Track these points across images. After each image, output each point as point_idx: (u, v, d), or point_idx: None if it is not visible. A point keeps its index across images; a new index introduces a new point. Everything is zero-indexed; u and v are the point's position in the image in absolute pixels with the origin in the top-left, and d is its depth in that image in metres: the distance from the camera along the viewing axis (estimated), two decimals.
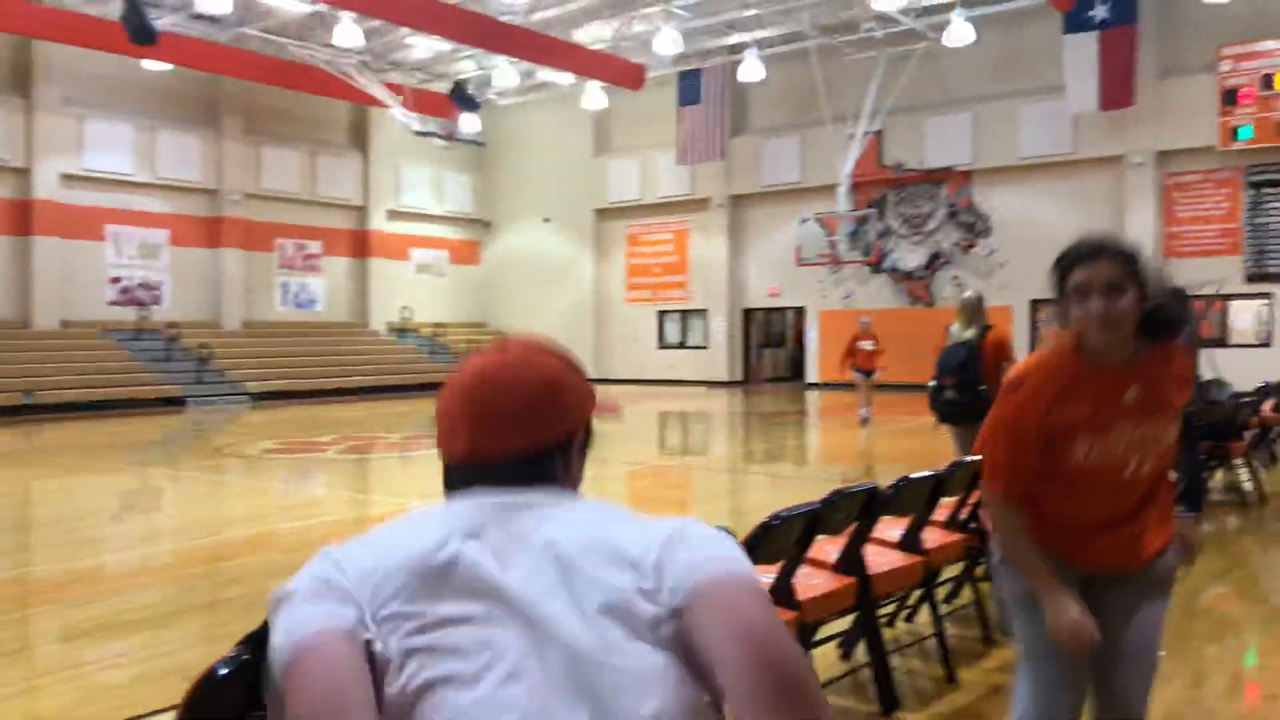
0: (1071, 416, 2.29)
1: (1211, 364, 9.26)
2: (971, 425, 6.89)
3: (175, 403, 20.91)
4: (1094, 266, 2.26)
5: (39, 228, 22.16)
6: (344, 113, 27.71)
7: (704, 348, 27.32)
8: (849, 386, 24.54)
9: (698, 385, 26.53)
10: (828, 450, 14.36)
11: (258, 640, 1.78)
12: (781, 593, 3.35)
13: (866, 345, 15.87)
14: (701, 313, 27.38)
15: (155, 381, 21.37)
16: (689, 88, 25.53)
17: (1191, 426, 3.24)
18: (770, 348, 28.88)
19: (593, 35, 22.53)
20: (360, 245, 28.44)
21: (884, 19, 20.95)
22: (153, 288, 24.33)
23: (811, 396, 23.29)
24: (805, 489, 9.81)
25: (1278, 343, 19.55)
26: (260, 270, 26.29)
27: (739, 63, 22.93)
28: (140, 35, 18.60)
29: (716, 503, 9.64)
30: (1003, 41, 22.15)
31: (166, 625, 5.31)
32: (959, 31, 20.16)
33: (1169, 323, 2.29)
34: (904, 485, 3.87)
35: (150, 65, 21.90)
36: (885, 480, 3.90)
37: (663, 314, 28.30)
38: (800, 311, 26.17)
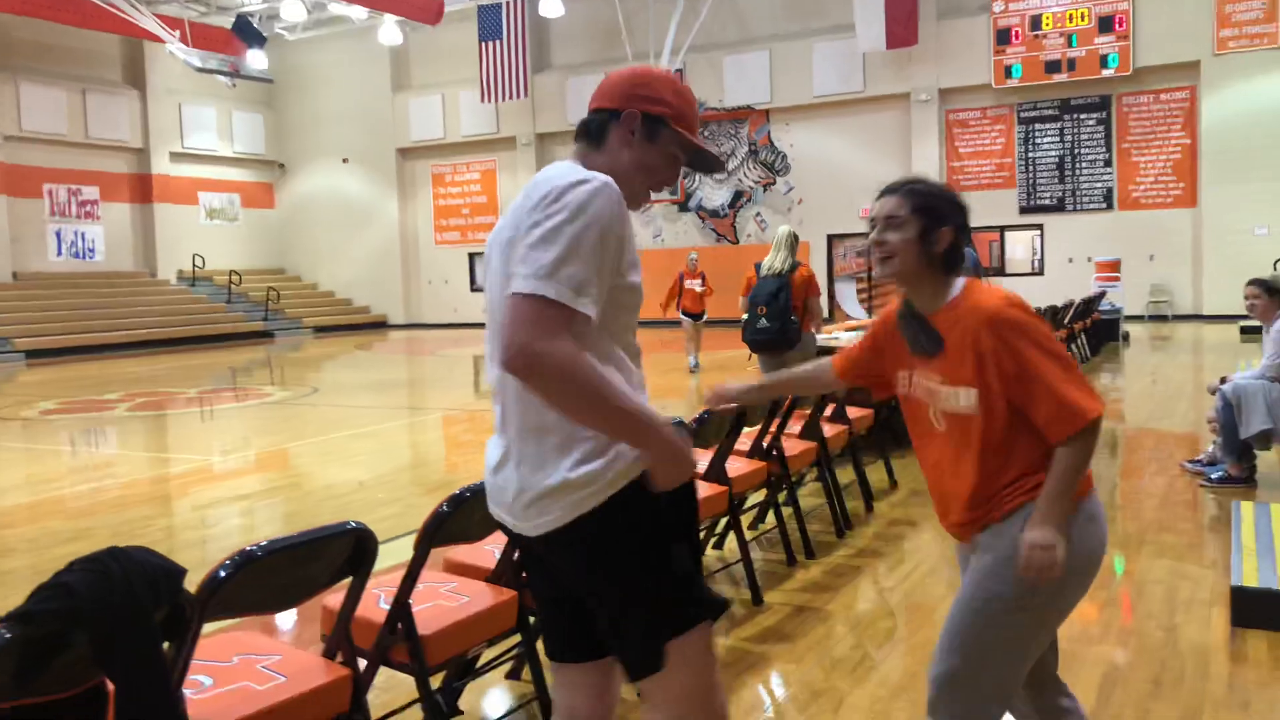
0: (888, 346, 2.35)
1: None
2: (781, 353, 7.20)
3: None
4: (879, 202, 2.22)
5: None
6: (116, 46, 25.55)
7: None
8: (644, 325, 25.01)
9: None
10: (652, 390, 14.59)
11: (18, 617, 1.69)
12: None
13: (694, 285, 14.54)
14: None
15: None
16: (489, 22, 24.94)
17: None
18: None
19: None
20: (143, 190, 26.50)
21: None
22: None
23: None
24: None
25: (1049, 271, 21.21)
26: (29, 218, 24.11)
27: None
28: None
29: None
30: None
31: None
32: None
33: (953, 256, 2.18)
34: (708, 418, 4.00)
35: None
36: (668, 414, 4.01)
37: (474, 256, 27.87)
38: None
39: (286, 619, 4.23)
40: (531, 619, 2.89)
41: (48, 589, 1.71)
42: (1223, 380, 6.26)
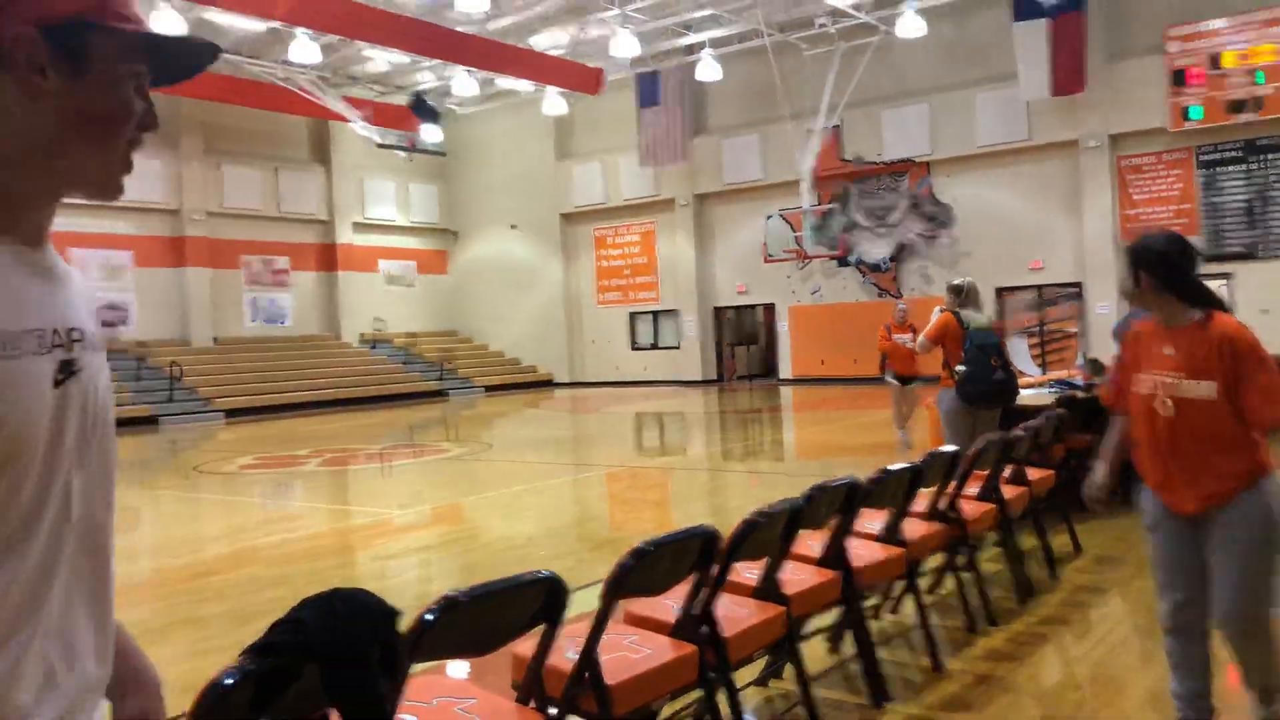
0: (1139, 356, 3.26)
1: None
2: (1009, 405, 6.98)
3: (148, 422, 20.72)
4: (1130, 255, 3.22)
5: None
6: (304, 128, 27.58)
7: (676, 348, 27.42)
8: (822, 382, 24.89)
9: (672, 385, 26.63)
10: (803, 446, 14.46)
11: (258, 650, 1.86)
12: (768, 588, 3.43)
13: (904, 340, 11.79)
14: (672, 313, 27.48)
15: (127, 401, 21.17)
16: (648, 90, 25.62)
17: None
18: (742, 345, 29.04)
19: (550, 41, 22.57)
20: (328, 259, 28.31)
21: (837, 13, 21.17)
22: (119, 308, 24.11)
23: (785, 393, 23.45)
24: (784, 485, 9.93)
25: (1238, 316, 19.88)
26: (227, 287, 26.11)
27: (696, 63, 23.07)
28: None
29: (696, 502, 9.72)
30: (954, 32, 22.42)
31: (153, 642, 5.30)
32: (910, 23, 20.43)
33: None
34: (884, 477, 3.96)
35: None
36: (861, 474, 3.98)
37: (634, 315, 28.37)
38: (770, 308, 26.33)
39: (475, 666, 4.39)
40: (711, 674, 2.92)
41: (283, 624, 1.87)
42: None
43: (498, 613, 2.29)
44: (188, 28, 18.50)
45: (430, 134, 25.07)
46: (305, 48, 20.05)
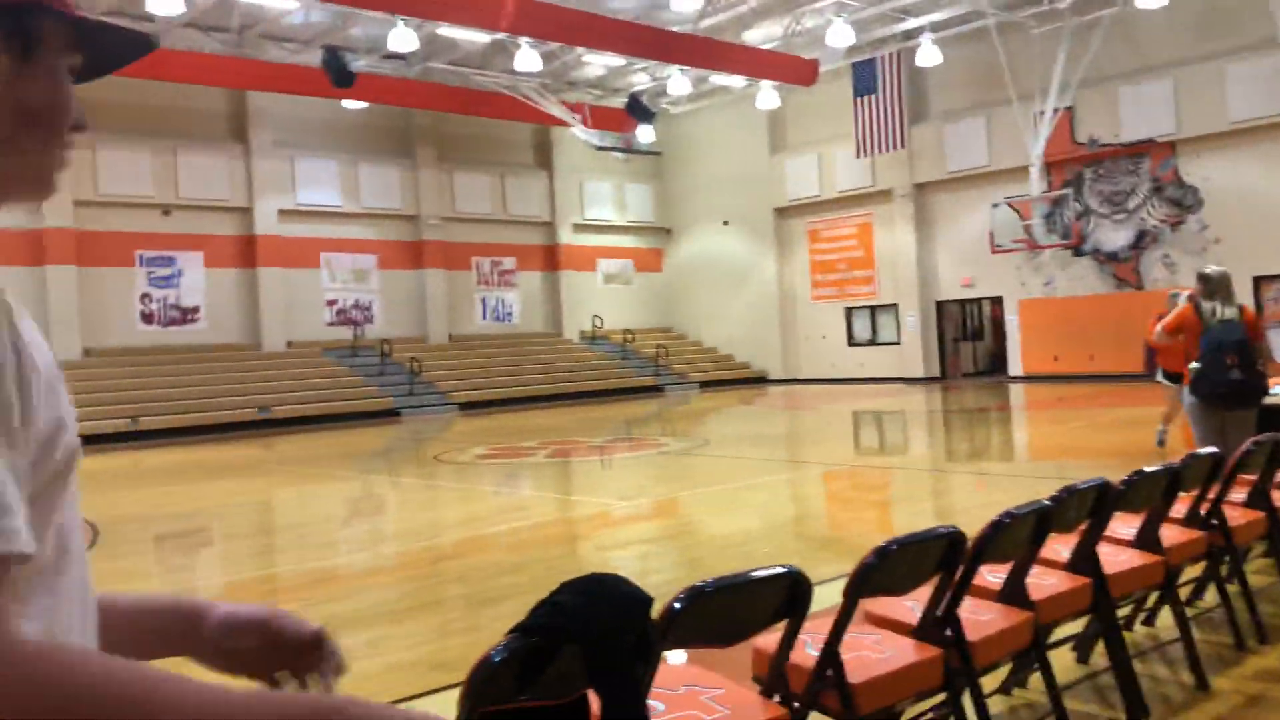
0: None
1: None
2: (1251, 407, 6.44)
3: (391, 414, 22.25)
4: None
5: (263, 259, 24.13)
6: (528, 134, 28.77)
7: (896, 343, 26.69)
8: (1057, 379, 23.51)
9: (891, 382, 25.95)
10: (1035, 447, 13.75)
11: (523, 629, 1.96)
12: (1014, 592, 3.29)
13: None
14: (891, 307, 26.76)
15: (372, 395, 22.84)
16: (864, 78, 25.07)
17: None
18: (967, 340, 27.90)
19: (764, 35, 22.49)
20: (550, 259, 29.43)
21: None
22: (365, 308, 26.05)
23: (1014, 390, 22.38)
24: (1014, 488, 9.48)
25: None
26: (460, 287, 27.64)
27: (915, 48, 22.35)
28: (340, 78, 20.04)
29: (919, 503, 9.45)
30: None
31: (401, 621, 5.69)
32: None
33: None
34: (1138, 479, 3.71)
35: (349, 105, 23.56)
36: (1110, 476, 3.74)
37: (850, 310, 27.84)
38: (997, 301, 25.18)
39: (716, 658, 4.45)
40: (956, 678, 2.84)
41: (544, 606, 1.97)
42: None
43: (742, 604, 2.32)
44: (418, 43, 19.73)
45: (645, 134, 25.54)
46: (527, 56, 20.90)
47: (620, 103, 25.36)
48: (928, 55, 21.93)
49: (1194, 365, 6.55)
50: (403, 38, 19.09)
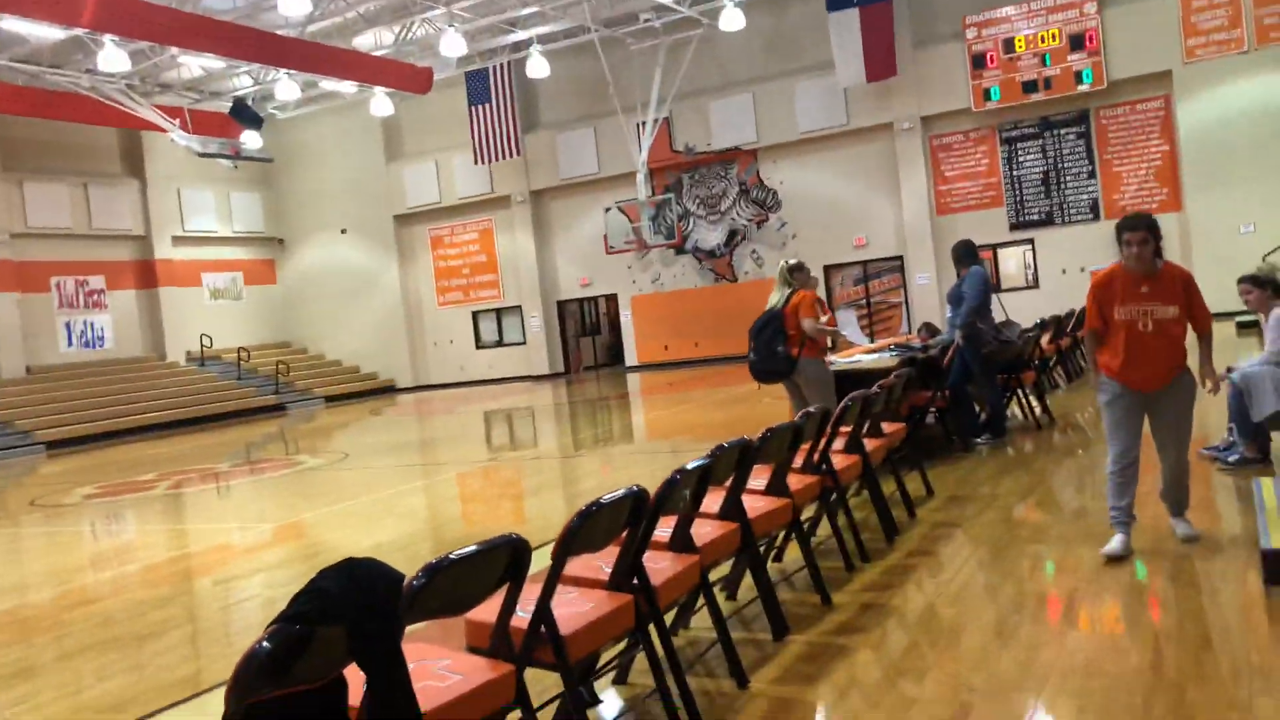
0: (1115, 294, 4.73)
1: (1001, 306, 10.30)
2: (774, 382, 7.69)
3: None
4: (1133, 233, 4.65)
5: None
6: (113, 139, 26.19)
7: (522, 343, 27.55)
8: (668, 366, 25.52)
9: (520, 381, 26.76)
10: (653, 428, 14.92)
11: (288, 619, 2.04)
12: (682, 540, 3.76)
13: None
14: (516, 309, 27.58)
15: None
16: (477, 87, 25.60)
17: (993, 364, 8.09)
18: (587, 336, 29.44)
19: (374, 41, 22.28)
20: (147, 276, 26.99)
21: (661, 8, 21.78)
22: None
23: (631, 379, 23.97)
24: (637, 466, 10.29)
25: (1043, 284, 21.67)
26: (39, 312, 24.56)
27: (525, 59, 23.23)
28: None
29: (552, 491, 9.93)
30: (772, 24, 23.44)
31: (46, 674, 5.18)
32: (730, 17, 21.25)
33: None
34: (770, 435, 4.36)
35: None
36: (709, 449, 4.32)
37: (476, 314, 28.31)
38: (613, 299, 26.81)
39: (429, 636, 4.54)
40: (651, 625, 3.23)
41: (305, 594, 2.06)
42: (1229, 369, 6.63)
43: (474, 573, 2.52)
44: None
45: (252, 140, 24.26)
46: (112, 55, 19.07)
47: (222, 106, 23.90)
48: (537, 67, 22.87)
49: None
50: None
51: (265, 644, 1.98)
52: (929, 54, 22.03)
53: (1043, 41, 20.92)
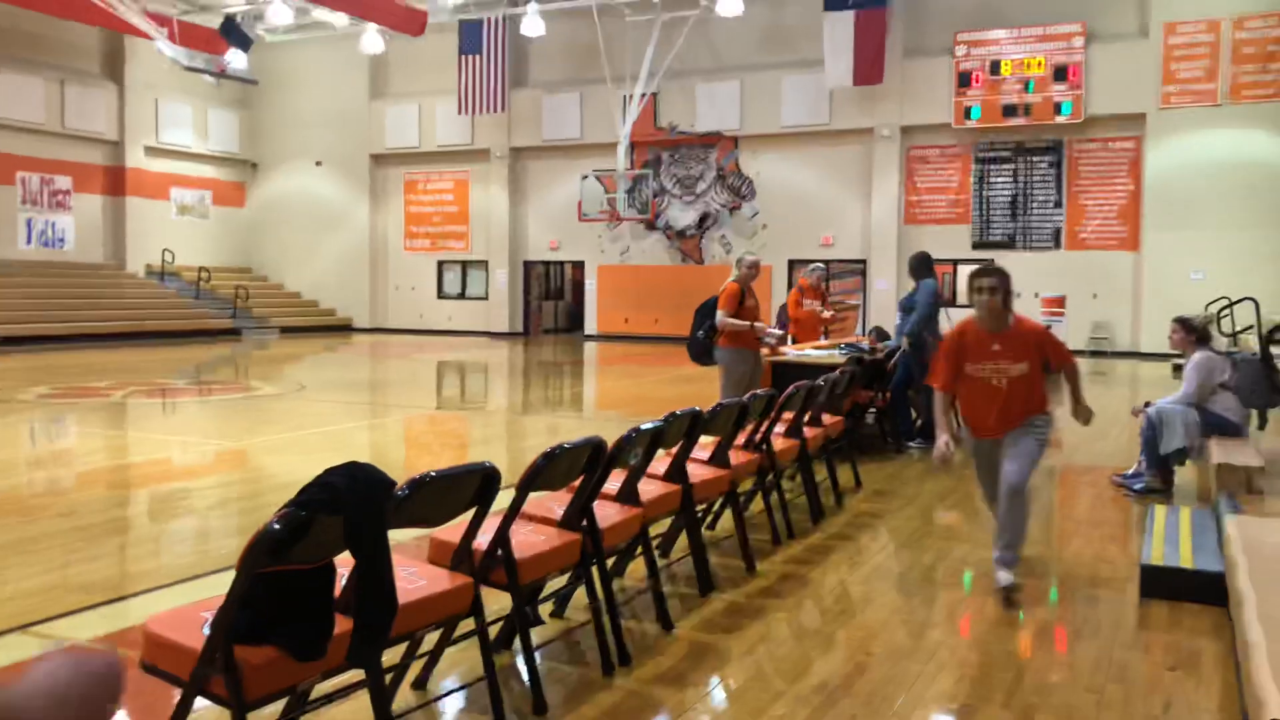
0: (967, 352, 4.79)
1: (949, 320, 10.73)
2: (705, 364, 8.44)
3: None
4: (984, 279, 4.73)
5: None
6: (96, 39, 25.82)
7: (484, 299, 27.72)
8: (626, 338, 25.88)
9: (477, 336, 26.96)
10: (604, 398, 15.27)
11: (297, 505, 2.38)
12: (629, 494, 4.14)
13: (815, 308, 10.79)
14: (482, 264, 27.73)
15: None
16: (470, 37, 25.60)
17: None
18: (549, 299, 29.68)
19: None
20: (115, 183, 26.72)
21: None
22: None
23: (589, 347, 24.30)
24: (583, 432, 10.50)
25: None
26: (1, 205, 24.25)
27: (521, 15, 23.29)
28: None
29: (497, 444, 10.25)
30: (769, 15, 23.71)
31: (18, 554, 5.44)
32: (728, 3, 21.50)
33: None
34: (719, 409, 4.75)
35: None
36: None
37: (442, 264, 28.42)
38: (579, 265, 27.06)
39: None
40: (594, 563, 3.61)
41: (314, 487, 2.41)
42: (1147, 404, 7.16)
43: (451, 492, 2.88)
44: None
45: (238, 60, 24.08)
46: None
47: (212, 21, 23.67)
48: (532, 25, 22.96)
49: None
50: None
51: (276, 525, 2.33)
52: (917, 65, 22.46)
53: (1028, 68, 21.46)
